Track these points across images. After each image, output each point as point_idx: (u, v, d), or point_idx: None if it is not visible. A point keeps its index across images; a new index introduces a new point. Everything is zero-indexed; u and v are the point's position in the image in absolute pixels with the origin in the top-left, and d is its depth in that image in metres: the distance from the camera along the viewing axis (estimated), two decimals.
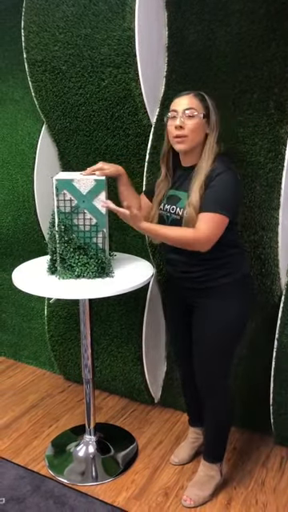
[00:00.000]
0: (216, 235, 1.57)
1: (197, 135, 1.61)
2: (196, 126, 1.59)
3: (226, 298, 1.70)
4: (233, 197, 1.60)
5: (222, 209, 1.55)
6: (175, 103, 1.63)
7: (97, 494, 1.89)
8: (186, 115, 1.59)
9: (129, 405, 2.50)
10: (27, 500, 1.85)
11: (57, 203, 1.75)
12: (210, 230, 1.55)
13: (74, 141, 2.22)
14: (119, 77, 1.92)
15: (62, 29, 1.96)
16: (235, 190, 1.60)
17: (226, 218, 1.56)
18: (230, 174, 1.58)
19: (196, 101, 1.60)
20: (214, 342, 1.71)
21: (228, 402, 1.82)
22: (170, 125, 1.63)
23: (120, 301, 2.35)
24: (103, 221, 1.78)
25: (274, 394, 2.01)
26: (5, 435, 2.26)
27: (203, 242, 1.56)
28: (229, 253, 1.68)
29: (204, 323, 1.73)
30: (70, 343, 2.59)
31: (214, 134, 1.62)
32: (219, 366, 1.75)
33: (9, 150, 2.49)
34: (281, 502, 1.84)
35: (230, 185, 1.58)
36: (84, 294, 1.70)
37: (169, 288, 1.92)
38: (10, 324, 2.92)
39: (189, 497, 1.82)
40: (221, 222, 1.56)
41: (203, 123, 1.61)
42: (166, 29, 1.92)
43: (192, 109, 1.59)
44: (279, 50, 1.71)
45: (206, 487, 1.84)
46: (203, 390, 1.81)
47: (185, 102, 1.60)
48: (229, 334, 1.72)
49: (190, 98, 1.60)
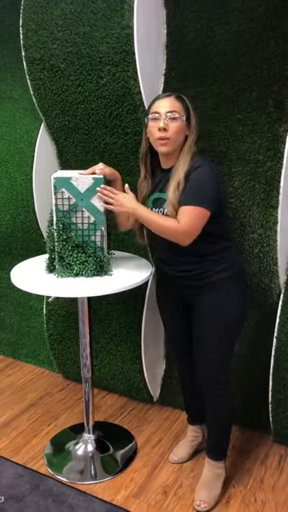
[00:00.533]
0: (196, 228, 1.59)
1: (179, 137, 1.64)
2: (178, 129, 1.62)
3: (225, 293, 1.70)
4: (212, 189, 1.61)
5: (201, 202, 1.57)
6: (156, 105, 1.65)
7: (96, 492, 1.89)
8: (169, 117, 1.61)
9: (128, 403, 2.50)
10: (26, 498, 1.85)
11: (55, 201, 1.75)
12: (190, 223, 1.58)
13: (73, 139, 2.22)
14: (118, 75, 1.92)
15: (60, 27, 1.96)
16: (214, 183, 1.62)
17: (206, 211, 1.58)
18: (207, 168, 1.61)
19: (178, 103, 1.63)
20: (215, 339, 1.71)
21: (229, 398, 1.82)
22: (152, 126, 1.64)
23: (119, 299, 2.35)
24: (101, 219, 1.78)
25: (272, 393, 2.01)
26: (4, 434, 2.26)
27: (184, 234, 1.59)
28: (223, 245, 1.70)
29: (204, 320, 1.73)
30: (68, 342, 2.59)
31: (192, 136, 1.65)
32: (220, 362, 1.76)
33: (7, 148, 2.49)
34: (279, 500, 1.84)
35: (208, 177, 1.60)
36: (83, 292, 1.70)
37: (164, 288, 1.92)
38: (8, 323, 2.92)
39: (202, 500, 1.79)
40: (201, 214, 1.58)
41: (184, 125, 1.64)
42: (164, 27, 1.92)
43: (174, 111, 1.61)
44: (278, 48, 1.71)
45: (214, 486, 1.84)
46: (204, 388, 1.81)
47: (167, 105, 1.62)
48: (229, 330, 1.73)
49: (171, 101, 1.63)
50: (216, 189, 1.63)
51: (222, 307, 1.70)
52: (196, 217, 1.58)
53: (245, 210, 1.92)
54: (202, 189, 1.59)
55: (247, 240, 1.95)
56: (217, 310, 1.70)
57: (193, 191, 1.58)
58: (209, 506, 1.79)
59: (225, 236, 1.73)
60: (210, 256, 1.68)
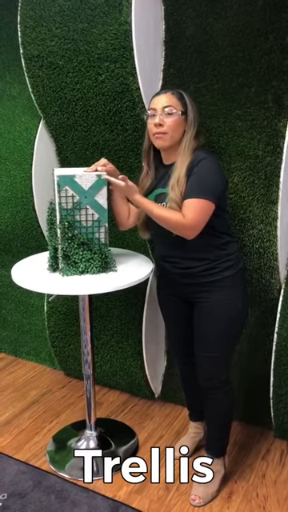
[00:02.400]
0: (201, 221, 1.58)
1: (175, 132, 1.64)
2: (174, 123, 1.62)
3: (229, 291, 1.70)
4: (216, 181, 1.61)
5: (205, 194, 1.56)
6: (154, 102, 1.66)
7: (98, 488, 1.89)
8: (165, 113, 1.62)
9: (129, 400, 2.50)
10: (29, 495, 1.86)
11: (58, 200, 1.73)
12: (196, 216, 1.57)
13: (72, 136, 2.21)
14: (116, 71, 1.91)
15: (58, 23, 1.95)
16: (218, 175, 1.61)
17: (210, 203, 1.57)
18: (211, 160, 1.61)
19: (174, 98, 1.63)
20: (217, 338, 1.71)
21: (229, 397, 1.82)
22: (150, 123, 1.66)
23: (120, 296, 2.35)
24: (105, 216, 1.78)
25: (274, 388, 2.02)
26: (6, 431, 2.26)
27: (189, 228, 1.58)
28: (226, 240, 1.70)
29: (207, 319, 1.72)
30: (70, 339, 2.59)
31: (191, 131, 1.65)
32: (221, 361, 1.76)
33: (6, 146, 2.48)
34: (281, 495, 1.85)
35: (212, 170, 1.60)
36: (89, 289, 1.70)
37: (164, 286, 1.90)
38: (10, 320, 2.92)
39: (197, 496, 1.81)
40: (206, 207, 1.57)
41: (182, 120, 1.64)
42: (163, 22, 1.91)
43: (170, 106, 1.62)
44: (277, 43, 1.70)
45: (211, 483, 1.84)
46: (204, 386, 1.81)
47: (163, 100, 1.63)
48: (231, 329, 1.72)
49: (168, 96, 1.64)
50: (220, 181, 1.62)
51: (225, 306, 1.69)
52: (201, 210, 1.57)
53: (244, 206, 1.92)
54: (206, 181, 1.59)
55: (247, 236, 1.95)
56: (220, 308, 1.70)
57: (197, 183, 1.58)
58: (203, 502, 1.80)
59: (228, 231, 1.73)
60: (215, 251, 1.67)
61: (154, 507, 1.80)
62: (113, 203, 1.84)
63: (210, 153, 1.66)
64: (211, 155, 1.64)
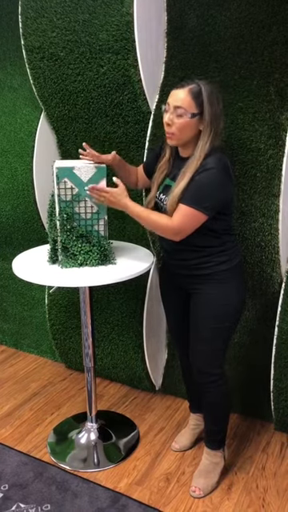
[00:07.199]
0: (187, 229, 1.59)
1: (185, 134, 1.59)
2: (182, 126, 1.57)
3: (223, 285, 1.70)
4: (215, 194, 1.57)
5: (198, 204, 1.55)
6: (171, 95, 1.59)
7: (99, 480, 1.91)
8: (176, 113, 1.56)
9: (130, 392, 2.51)
10: (30, 486, 1.87)
11: (57, 192, 1.73)
12: (182, 223, 1.57)
13: (73, 128, 2.20)
14: (118, 63, 1.90)
15: (59, 14, 1.94)
16: (220, 188, 1.58)
17: (201, 214, 1.56)
18: (217, 170, 1.55)
19: (189, 97, 1.54)
20: (210, 331, 1.72)
21: (223, 389, 1.82)
22: (164, 117, 1.61)
23: (120, 289, 2.35)
24: (104, 208, 1.78)
25: (274, 381, 2.02)
26: (7, 423, 2.28)
27: (174, 232, 1.59)
28: (223, 240, 1.69)
29: (201, 311, 1.73)
30: (71, 331, 2.60)
31: (208, 131, 1.57)
32: (213, 354, 1.76)
33: (8, 138, 2.47)
34: (281, 487, 1.86)
35: (215, 182, 1.56)
36: (88, 281, 1.71)
37: (165, 276, 1.92)
38: (11, 313, 2.93)
39: (197, 487, 1.83)
40: (195, 217, 1.56)
41: (193, 122, 1.57)
42: (165, 14, 1.89)
43: (181, 108, 1.54)
44: (280, 35, 1.69)
45: (211, 475, 1.86)
46: (198, 379, 1.81)
47: (177, 98, 1.55)
48: (224, 322, 1.72)
49: (184, 93, 1.55)
50: (222, 194, 1.60)
51: (219, 299, 1.70)
52: (189, 218, 1.57)
53: (246, 199, 1.91)
54: (204, 192, 1.56)
55: (249, 229, 1.95)
56: (214, 301, 1.70)
57: (194, 192, 1.56)
58: (203, 494, 1.82)
59: (228, 231, 1.71)
60: (210, 248, 1.67)
61: (154, 498, 1.82)
62: (117, 175, 1.81)
63: (221, 160, 1.57)
64: (220, 163, 1.56)
